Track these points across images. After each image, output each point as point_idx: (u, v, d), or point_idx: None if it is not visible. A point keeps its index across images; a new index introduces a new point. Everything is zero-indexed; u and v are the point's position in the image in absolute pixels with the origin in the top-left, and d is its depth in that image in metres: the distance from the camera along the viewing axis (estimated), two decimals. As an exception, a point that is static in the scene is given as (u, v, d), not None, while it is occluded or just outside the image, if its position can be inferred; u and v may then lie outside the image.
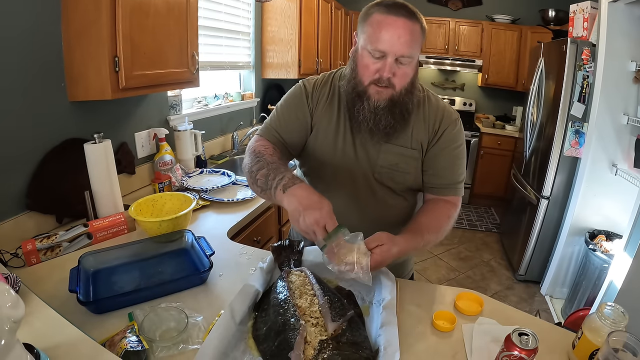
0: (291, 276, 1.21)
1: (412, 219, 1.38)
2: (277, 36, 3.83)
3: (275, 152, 1.34)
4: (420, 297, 1.35)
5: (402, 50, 1.20)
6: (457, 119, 1.44)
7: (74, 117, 1.87)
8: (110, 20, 1.62)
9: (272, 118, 1.45)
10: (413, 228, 1.30)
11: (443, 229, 1.36)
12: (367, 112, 1.30)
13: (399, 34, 1.19)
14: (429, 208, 1.43)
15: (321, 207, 1.08)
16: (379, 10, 1.22)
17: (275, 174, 1.19)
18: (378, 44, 1.20)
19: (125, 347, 0.98)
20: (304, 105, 1.43)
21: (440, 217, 1.38)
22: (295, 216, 1.09)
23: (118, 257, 1.48)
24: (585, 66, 3.17)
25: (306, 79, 1.48)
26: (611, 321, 1.02)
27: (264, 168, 1.24)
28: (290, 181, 1.14)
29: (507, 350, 0.95)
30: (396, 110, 1.30)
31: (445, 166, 1.43)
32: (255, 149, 1.34)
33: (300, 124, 1.43)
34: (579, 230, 3.31)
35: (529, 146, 4.03)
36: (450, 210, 1.41)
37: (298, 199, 1.10)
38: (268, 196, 1.22)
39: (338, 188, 1.44)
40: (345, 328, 1.01)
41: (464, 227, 5.18)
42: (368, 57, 1.25)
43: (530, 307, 3.52)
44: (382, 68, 1.23)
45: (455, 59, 5.72)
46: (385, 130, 1.33)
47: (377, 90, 1.28)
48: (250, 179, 1.28)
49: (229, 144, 3.42)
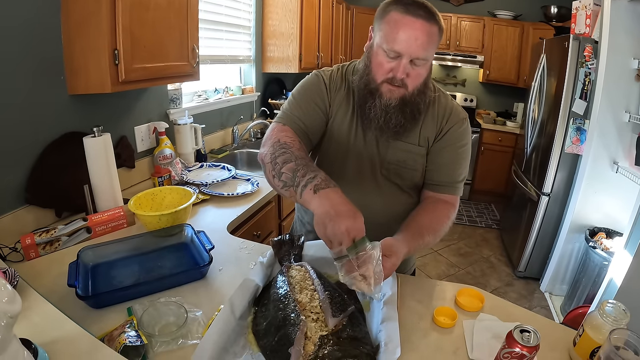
0: (291, 271, 1.21)
1: (411, 218, 1.36)
2: (278, 30, 3.81)
3: (302, 146, 1.27)
4: (421, 293, 1.35)
5: (418, 53, 1.19)
6: (465, 119, 1.43)
7: (73, 111, 1.87)
8: (110, 13, 1.61)
9: (291, 105, 1.40)
10: (413, 229, 1.29)
11: (442, 230, 1.36)
12: (378, 109, 1.29)
13: (416, 36, 1.17)
14: (429, 209, 1.41)
15: (355, 217, 1.01)
16: (397, 9, 1.19)
17: (306, 171, 1.11)
18: (394, 44, 1.18)
19: (124, 342, 0.97)
20: (324, 93, 1.40)
21: (440, 218, 1.37)
22: (323, 221, 1.01)
23: (117, 252, 1.48)
24: (587, 63, 3.16)
25: (320, 70, 1.46)
26: (613, 319, 1.02)
27: (291, 162, 1.16)
28: (324, 182, 1.07)
29: (508, 346, 0.95)
30: (407, 110, 1.29)
31: (446, 163, 1.42)
32: (280, 139, 1.25)
33: (320, 112, 1.40)
34: (579, 227, 3.31)
35: (530, 143, 4.03)
36: (450, 211, 1.41)
37: (332, 203, 1.02)
38: (291, 193, 1.13)
39: (344, 182, 1.40)
40: (345, 323, 1.01)
41: (464, 223, 5.19)
42: (383, 56, 1.23)
43: (530, 303, 3.52)
44: (396, 68, 1.22)
45: (457, 54, 5.71)
46: (395, 129, 1.32)
47: (390, 89, 1.26)
48: (272, 171, 1.19)
49: (229, 138, 3.42)
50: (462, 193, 1.46)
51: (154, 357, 1.02)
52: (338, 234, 0.98)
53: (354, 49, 5.72)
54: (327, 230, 1.00)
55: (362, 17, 5.70)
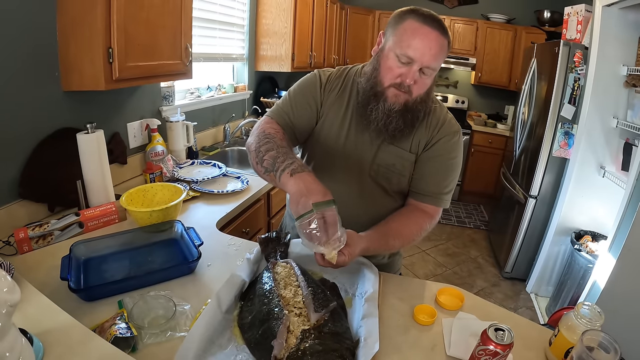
0: (277, 267, 1.24)
1: (384, 220, 1.39)
2: (271, 29, 3.83)
3: (285, 137, 1.34)
4: (403, 291, 1.38)
5: (430, 62, 1.22)
6: (457, 132, 1.44)
7: (67, 107, 1.88)
8: (105, 11, 1.62)
9: (284, 102, 1.46)
10: (382, 230, 1.34)
11: (411, 239, 1.39)
12: (380, 112, 1.31)
13: (431, 46, 1.21)
14: (404, 215, 1.44)
15: (325, 194, 1.08)
16: (415, 18, 1.23)
17: (285, 157, 1.19)
18: (408, 50, 1.21)
19: (115, 333, 1.00)
20: (317, 93, 1.44)
21: (412, 227, 1.40)
22: (296, 198, 1.09)
23: (109, 246, 1.50)
24: (577, 68, 3.20)
25: (321, 69, 1.50)
26: (587, 320, 1.05)
27: (273, 150, 1.23)
28: (300, 167, 1.15)
29: (483, 344, 0.98)
30: (408, 116, 1.32)
31: (432, 173, 1.43)
32: (265, 130, 1.33)
33: (311, 111, 1.44)
34: (566, 230, 3.36)
35: (519, 145, 4.06)
36: (425, 223, 1.42)
37: (305, 183, 1.10)
38: (271, 178, 1.21)
39: (331, 180, 1.43)
40: (327, 319, 1.04)
41: (452, 223, 5.22)
42: (394, 60, 1.25)
43: (516, 304, 3.56)
44: (406, 74, 1.24)
45: (449, 56, 5.69)
46: (393, 133, 1.34)
47: (396, 94, 1.28)
48: (255, 158, 1.27)
49: (221, 136, 3.43)
50: (447, 205, 1.46)
51: (144, 348, 1.05)
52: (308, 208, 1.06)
53: (348, 48, 5.73)
54: (298, 207, 1.08)
55: (356, 17, 5.70)
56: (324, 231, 1.08)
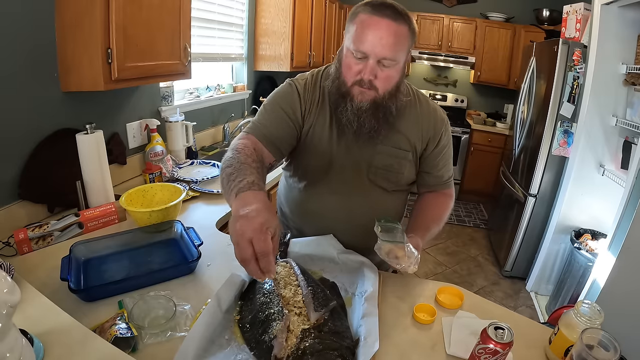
0: (277, 267, 1.24)
1: (417, 213, 1.51)
2: (270, 28, 3.83)
3: (255, 152, 1.23)
4: (403, 290, 1.38)
5: (384, 53, 1.19)
6: (446, 118, 1.49)
7: (66, 108, 1.88)
8: (104, 11, 1.62)
9: (259, 115, 1.40)
10: (423, 224, 1.43)
11: (444, 219, 1.52)
12: (350, 113, 1.29)
13: (381, 36, 1.17)
14: (433, 202, 1.56)
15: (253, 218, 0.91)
16: (365, 10, 1.20)
17: (237, 175, 1.07)
18: (360, 44, 1.19)
19: (115, 333, 1.00)
20: (296, 104, 1.39)
21: (442, 208, 1.54)
22: (230, 223, 0.95)
23: (108, 247, 1.51)
24: (576, 67, 3.20)
25: (294, 78, 1.46)
26: (587, 318, 1.05)
27: (231, 166, 1.12)
28: (246, 186, 1.02)
29: (482, 343, 0.98)
30: (379, 114, 1.30)
31: (443, 166, 1.52)
32: (236, 146, 1.23)
33: (290, 120, 1.38)
34: (565, 228, 3.36)
35: (519, 144, 4.06)
36: (449, 202, 1.57)
37: (241, 204, 0.96)
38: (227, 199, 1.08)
39: (329, 189, 1.45)
40: (327, 318, 1.04)
41: (452, 222, 5.22)
42: (351, 58, 1.24)
43: (516, 303, 3.57)
44: (364, 69, 1.22)
45: (448, 55, 5.73)
46: (370, 134, 1.33)
47: (360, 91, 1.27)
48: (221, 181, 1.16)
49: (220, 136, 3.43)
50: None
51: (144, 349, 1.05)
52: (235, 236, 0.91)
53: (347, 48, 5.69)
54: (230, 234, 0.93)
55: (355, 16, 5.66)
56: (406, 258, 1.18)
